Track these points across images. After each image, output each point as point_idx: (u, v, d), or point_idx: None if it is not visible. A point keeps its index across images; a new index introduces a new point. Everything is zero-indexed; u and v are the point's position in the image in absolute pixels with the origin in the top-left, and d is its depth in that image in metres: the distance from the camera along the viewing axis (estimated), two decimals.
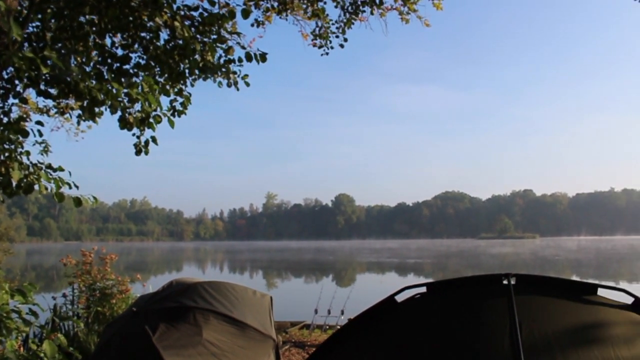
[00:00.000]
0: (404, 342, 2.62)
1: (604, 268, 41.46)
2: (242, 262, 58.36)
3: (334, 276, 37.69)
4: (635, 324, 2.54)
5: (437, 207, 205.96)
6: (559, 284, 2.72)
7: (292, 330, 11.13)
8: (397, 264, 48.41)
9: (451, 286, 2.82)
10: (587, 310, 2.57)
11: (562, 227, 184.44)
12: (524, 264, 46.72)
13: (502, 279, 2.68)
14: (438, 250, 79.27)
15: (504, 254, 64.46)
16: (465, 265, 45.62)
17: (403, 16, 8.24)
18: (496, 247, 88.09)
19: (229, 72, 5.74)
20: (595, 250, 72.63)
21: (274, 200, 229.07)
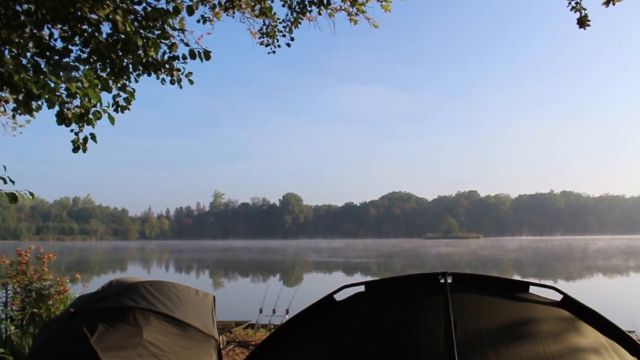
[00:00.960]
0: (341, 341, 2.64)
1: (542, 267, 42.88)
2: (189, 261, 57.54)
3: (281, 275, 37.62)
4: (563, 320, 2.63)
5: (384, 207, 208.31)
6: (493, 282, 2.80)
7: (236, 330, 11.05)
8: (344, 263, 48.73)
9: (389, 285, 2.85)
10: (519, 308, 2.65)
11: (505, 227, 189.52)
12: (466, 263, 47.81)
13: (438, 277, 2.74)
14: (383, 250, 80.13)
15: (447, 253, 65.73)
16: (409, 264, 46.28)
17: (351, 17, 8.31)
18: (440, 246, 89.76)
19: (173, 69, 5.65)
20: (534, 250, 74.95)
21: (221, 199, 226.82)
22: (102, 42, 5.18)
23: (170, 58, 5.61)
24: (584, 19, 7.01)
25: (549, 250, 71.18)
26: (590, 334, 2.62)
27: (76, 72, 5.11)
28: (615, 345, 2.63)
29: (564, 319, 2.64)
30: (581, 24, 7.04)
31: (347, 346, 2.59)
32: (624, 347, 2.66)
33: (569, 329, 2.59)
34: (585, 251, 66.87)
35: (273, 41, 8.07)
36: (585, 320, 2.67)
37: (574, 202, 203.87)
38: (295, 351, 2.77)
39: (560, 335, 2.52)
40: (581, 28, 7.06)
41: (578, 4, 7.10)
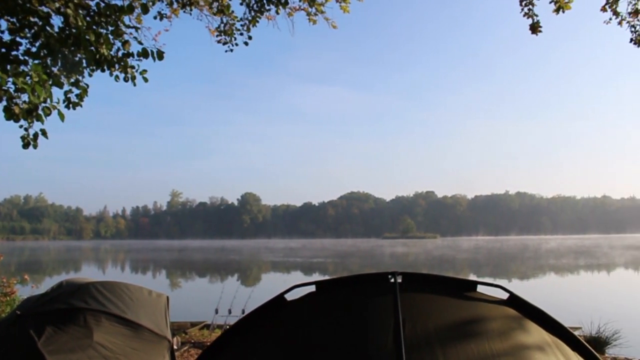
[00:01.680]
0: (292, 340, 2.63)
1: (497, 266, 43.79)
2: (145, 261, 56.60)
3: (239, 275, 37.38)
4: (510, 318, 2.70)
5: (342, 207, 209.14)
6: (442, 281, 2.84)
7: (192, 331, 10.92)
8: (301, 263, 48.76)
9: (340, 285, 2.87)
10: (467, 306, 2.70)
11: (462, 227, 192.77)
12: (422, 263, 48.47)
13: (388, 277, 2.76)
14: (340, 249, 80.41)
15: (403, 253, 66.45)
16: (365, 264, 46.61)
17: (310, 17, 8.35)
18: (397, 246, 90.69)
19: (127, 66, 5.54)
20: (490, 249, 76.44)
21: (178, 198, 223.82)
22: (53, 36, 5.05)
23: (124, 55, 5.51)
24: (536, 25, 7.21)
25: (503, 250, 72.73)
26: (535, 331, 2.69)
27: (24, 66, 4.96)
28: (559, 342, 2.71)
29: (510, 317, 2.70)
30: (533, 30, 7.25)
31: (297, 346, 2.59)
32: (567, 343, 2.75)
33: (514, 327, 2.65)
34: (538, 251, 68.52)
35: (231, 39, 8.03)
36: (530, 318, 2.74)
37: (528, 203, 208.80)
38: (246, 351, 2.75)
39: (506, 333, 2.57)
40: (533, 34, 7.26)
41: (530, 11, 7.30)
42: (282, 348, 2.63)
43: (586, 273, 35.73)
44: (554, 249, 70.79)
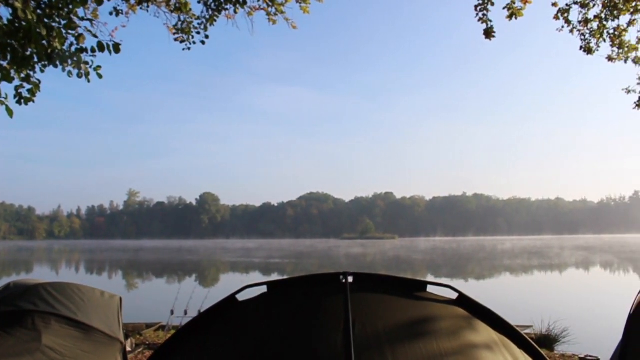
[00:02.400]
0: (242, 341, 2.62)
1: (453, 267, 44.53)
2: (101, 262, 55.44)
3: (197, 276, 37.02)
4: (459, 318, 2.74)
5: (301, 208, 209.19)
6: (393, 281, 2.86)
7: (147, 332, 10.77)
8: (259, 263, 48.60)
9: (291, 285, 2.86)
10: (417, 306, 2.74)
11: (420, 228, 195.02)
12: (378, 263, 49.00)
13: (340, 277, 2.77)
14: (298, 250, 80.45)
15: (360, 254, 66.90)
16: (321, 265, 46.73)
17: (270, 17, 8.34)
18: (354, 247, 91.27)
19: (80, 61, 5.40)
20: (446, 250, 77.68)
21: (136, 197, 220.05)
22: (2, 28, 4.88)
23: (78, 50, 5.37)
24: (489, 30, 7.37)
25: (459, 251, 73.93)
26: (483, 330, 2.74)
27: None
28: (506, 341, 2.78)
29: (459, 317, 2.75)
30: (487, 35, 7.40)
31: (248, 347, 2.58)
32: (514, 342, 2.82)
33: (463, 326, 2.70)
34: (493, 251, 69.96)
35: (188, 38, 7.95)
36: (479, 318, 2.79)
37: (485, 205, 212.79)
38: (197, 352, 2.73)
39: (455, 332, 2.62)
40: (487, 39, 7.42)
41: (485, 16, 7.46)
42: (233, 348, 2.61)
43: (538, 273, 36.65)
44: (509, 250, 72.38)
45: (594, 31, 8.87)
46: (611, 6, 8.59)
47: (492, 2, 7.50)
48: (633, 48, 8.86)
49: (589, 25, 8.87)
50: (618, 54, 9.01)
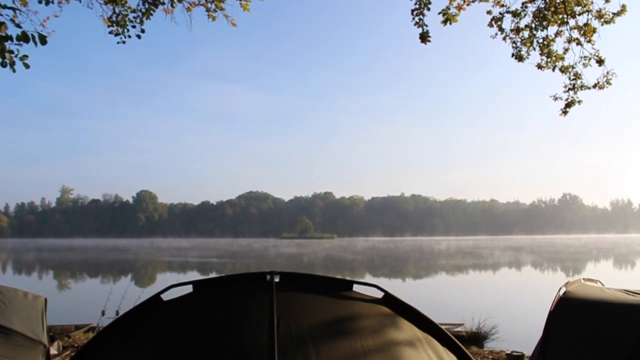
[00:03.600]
0: (167, 342, 2.58)
1: (390, 266, 45.26)
2: (30, 262, 53.29)
3: (132, 276, 36.16)
4: (383, 316, 2.80)
5: (240, 207, 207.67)
6: (319, 280, 2.88)
7: (76, 334, 10.44)
8: (193, 263, 47.99)
9: (217, 284, 2.84)
10: (342, 305, 2.77)
11: (359, 228, 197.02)
12: (312, 263, 49.34)
13: (266, 276, 2.77)
14: (234, 249, 79.86)
15: (297, 253, 67.06)
16: (255, 264, 46.59)
17: (210, 13, 8.25)
18: (292, 246, 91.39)
19: (5, 50, 5.15)
20: (384, 249, 78.82)
21: (69, 194, 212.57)
22: None
23: (2, 38, 5.12)
24: (425, 35, 7.51)
25: (396, 251, 75.14)
26: (407, 328, 2.81)
27: None
28: (429, 338, 2.85)
29: (384, 315, 2.80)
30: (423, 39, 7.54)
31: (173, 347, 2.55)
32: (437, 339, 2.90)
33: (387, 324, 2.75)
34: (429, 251, 71.49)
35: (123, 31, 7.74)
36: (403, 316, 2.86)
37: (422, 205, 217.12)
38: (120, 353, 2.67)
39: (379, 330, 2.67)
40: (422, 43, 7.56)
41: (421, 20, 7.60)
42: (157, 348, 2.57)
43: (471, 272, 37.73)
44: (444, 250, 74.08)
45: (525, 40, 9.17)
46: (540, 17, 8.91)
47: (428, 7, 7.65)
48: (560, 57, 9.21)
49: (520, 34, 9.17)
50: (546, 62, 9.34)
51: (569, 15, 8.87)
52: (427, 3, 7.64)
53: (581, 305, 4.92)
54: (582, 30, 8.90)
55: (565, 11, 8.81)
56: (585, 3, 8.78)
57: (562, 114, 9.65)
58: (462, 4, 8.19)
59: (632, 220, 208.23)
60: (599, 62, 9.04)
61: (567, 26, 8.99)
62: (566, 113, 9.64)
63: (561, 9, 8.81)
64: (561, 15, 8.87)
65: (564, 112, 9.62)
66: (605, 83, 9.25)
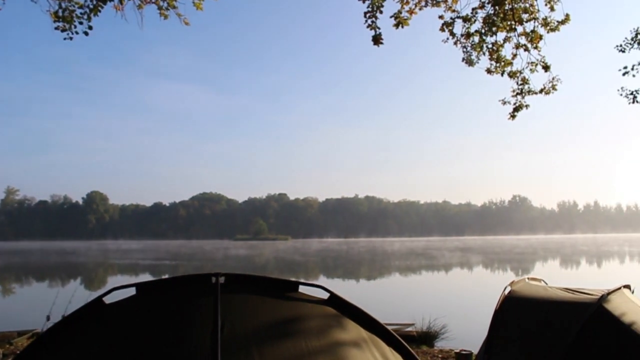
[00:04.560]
0: (109, 346, 2.53)
1: (344, 267, 45.54)
2: None
3: (81, 279, 35.28)
4: (329, 317, 2.81)
5: (194, 208, 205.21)
6: (265, 282, 2.87)
7: (18, 341, 10.11)
8: (145, 265, 47.20)
9: (161, 286, 2.80)
10: (288, 306, 2.77)
11: (313, 229, 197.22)
12: (263, 264, 49.29)
13: (211, 278, 2.74)
14: (184, 251, 78.90)
15: (250, 255, 66.79)
16: (206, 266, 46.10)
17: (162, 11, 8.13)
18: (245, 248, 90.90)
19: None
20: (335, 251, 79.21)
21: (14, 195, 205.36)
22: None
23: None
24: (378, 37, 7.58)
25: (347, 252, 75.62)
26: (353, 328, 2.82)
27: None
28: (375, 338, 2.88)
29: (329, 316, 2.81)
30: (375, 42, 7.61)
31: (114, 351, 2.49)
32: (383, 339, 2.92)
33: (333, 325, 2.76)
34: (382, 252, 72.16)
35: (70, 27, 7.53)
36: (349, 316, 2.87)
37: (376, 207, 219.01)
38: (59, 358, 2.59)
39: (324, 331, 2.68)
40: (375, 45, 7.63)
41: (374, 23, 7.68)
42: (98, 353, 2.51)
43: (422, 273, 38.32)
44: (396, 251, 74.92)
45: (475, 45, 9.38)
46: (490, 23, 9.12)
47: (380, 11, 7.73)
48: (508, 63, 9.45)
49: (471, 39, 9.37)
50: (495, 67, 9.57)
51: (517, 22, 9.11)
52: (379, 6, 7.72)
53: (525, 304, 5.07)
54: (530, 36, 9.16)
55: (513, 18, 9.04)
56: (532, 11, 9.04)
57: (510, 117, 9.90)
58: (413, 8, 8.32)
59: (578, 221, 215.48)
60: (544, 68, 9.32)
61: (515, 33, 9.23)
62: (514, 117, 9.90)
63: (509, 16, 9.04)
64: (509, 21, 9.09)
65: (512, 116, 9.87)
66: (551, 88, 9.55)
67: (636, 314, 4.71)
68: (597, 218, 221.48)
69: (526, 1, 9.03)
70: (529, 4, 9.03)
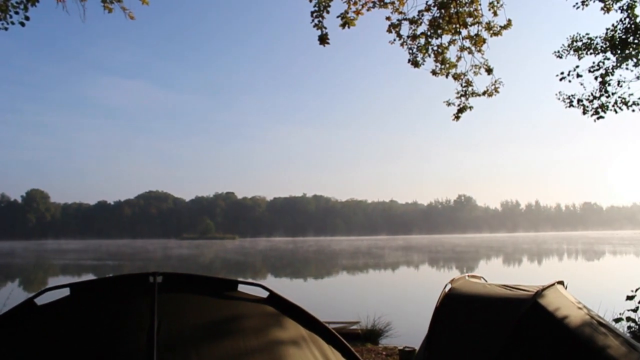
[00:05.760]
0: (41, 348, 2.45)
1: (291, 266, 45.54)
2: None
3: (20, 281, 34.01)
4: (268, 316, 2.81)
5: (139, 207, 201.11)
6: (204, 281, 2.85)
7: None
8: (87, 265, 45.94)
9: (96, 286, 2.73)
10: (226, 306, 2.75)
11: (261, 228, 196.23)
12: (206, 263, 48.83)
13: (148, 278, 2.70)
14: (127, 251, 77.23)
15: (195, 254, 65.96)
16: (146, 266, 45.25)
17: (106, 5, 7.95)
18: (191, 247, 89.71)
19: None
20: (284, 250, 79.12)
21: None
22: None
23: None
24: (324, 37, 7.61)
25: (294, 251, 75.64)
26: (292, 327, 2.83)
27: None
28: (314, 336, 2.89)
29: (268, 315, 2.81)
30: (322, 41, 7.64)
31: (46, 353, 2.42)
32: (322, 337, 2.94)
33: (271, 324, 2.76)
34: (329, 251, 72.43)
35: (5, 17, 7.26)
36: (288, 315, 2.88)
37: (324, 206, 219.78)
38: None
39: (262, 330, 2.67)
40: (321, 44, 7.66)
41: (320, 22, 7.70)
42: (30, 356, 2.42)
43: (369, 271, 38.69)
44: (343, 250, 75.30)
45: (421, 47, 9.53)
46: (435, 25, 9.29)
47: (327, 10, 7.77)
48: (453, 65, 9.67)
49: (417, 41, 9.52)
50: (440, 69, 9.76)
51: (462, 26, 9.32)
52: (326, 6, 7.75)
53: (464, 300, 5.19)
54: (473, 40, 9.38)
55: (458, 21, 9.24)
56: (476, 15, 9.26)
57: (454, 118, 10.11)
58: (360, 9, 8.38)
59: (520, 219, 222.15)
60: (487, 70, 9.58)
61: (460, 36, 9.44)
62: (458, 118, 10.12)
63: (454, 19, 9.23)
64: (454, 25, 9.29)
65: (457, 117, 10.10)
66: (493, 91, 9.82)
67: (568, 308, 4.91)
68: (538, 217, 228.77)
69: (471, 5, 9.25)
70: (473, 8, 9.25)
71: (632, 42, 9.85)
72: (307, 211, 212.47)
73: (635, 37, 9.82)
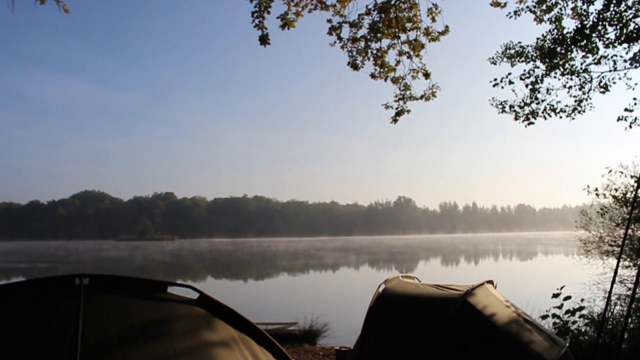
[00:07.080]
0: None
1: (230, 268, 45.17)
2: None
3: None
4: (197, 318, 2.79)
5: (75, 207, 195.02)
6: (133, 283, 2.81)
7: None
8: (14, 269, 44.15)
9: (19, 289, 2.65)
10: (155, 307, 2.72)
11: (201, 229, 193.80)
12: (138, 265, 48.00)
13: (74, 279, 2.63)
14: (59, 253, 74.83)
15: (130, 256, 64.61)
16: (76, 268, 43.99)
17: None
18: (127, 249, 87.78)
19: None
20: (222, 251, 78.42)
21: None
22: None
23: None
24: (265, 37, 7.62)
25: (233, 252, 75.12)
26: (222, 328, 2.82)
27: None
28: (246, 338, 2.89)
29: (198, 316, 2.79)
30: (262, 42, 7.64)
31: None
32: (253, 338, 2.94)
33: (201, 325, 2.75)
34: (271, 252, 72.35)
35: None
36: (219, 316, 2.87)
37: (265, 207, 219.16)
38: None
39: (192, 332, 2.66)
40: (262, 45, 7.67)
41: (261, 23, 7.69)
42: None
43: (307, 272, 38.86)
44: (283, 251, 75.32)
45: (361, 50, 9.63)
46: (375, 29, 9.42)
47: (268, 11, 7.76)
48: (391, 69, 9.81)
49: (357, 44, 9.61)
50: (379, 72, 9.88)
51: (401, 30, 9.47)
52: (267, 7, 7.74)
53: (397, 300, 5.31)
54: (412, 45, 9.55)
55: (397, 26, 9.40)
56: (415, 20, 9.44)
57: (392, 121, 10.26)
58: (300, 10, 8.40)
59: (458, 221, 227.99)
60: (425, 75, 9.78)
61: (399, 40, 9.59)
62: (396, 121, 10.27)
63: (394, 24, 9.38)
64: (394, 29, 9.44)
65: (394, 120, 10.24)
66: (431, 95, 10.02)
67: (497, 306, 5.10)
68: (475, 218, 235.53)
69: (410, 11, 9.42)
70: (412, 14, 9.42)
71: (559, 52, 10.29)
72: (247, 212, 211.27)
73: (562, 47, 10.26)
